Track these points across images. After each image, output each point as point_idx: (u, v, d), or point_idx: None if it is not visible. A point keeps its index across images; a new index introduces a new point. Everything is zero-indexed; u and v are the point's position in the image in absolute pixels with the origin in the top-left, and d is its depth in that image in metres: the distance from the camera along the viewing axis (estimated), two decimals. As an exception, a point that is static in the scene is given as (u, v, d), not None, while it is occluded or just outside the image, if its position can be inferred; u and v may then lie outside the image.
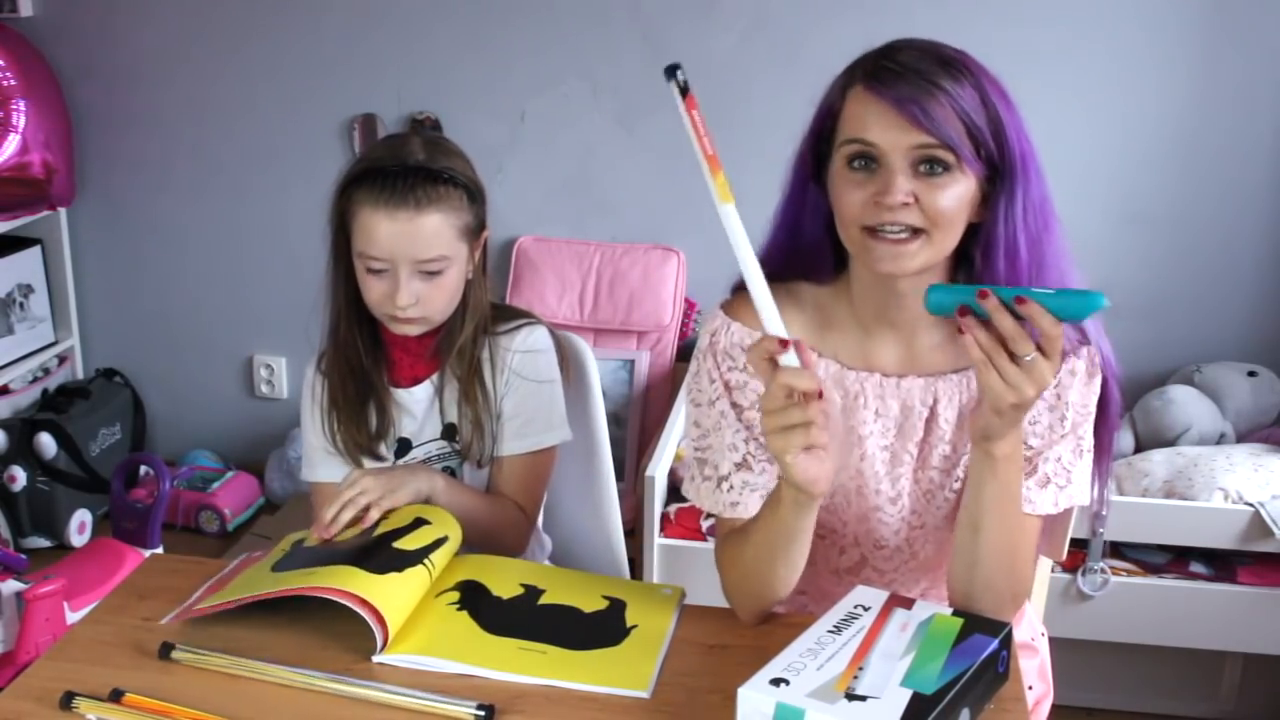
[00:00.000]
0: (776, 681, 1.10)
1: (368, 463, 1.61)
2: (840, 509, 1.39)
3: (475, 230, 1.55)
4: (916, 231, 1.21)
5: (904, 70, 1.19)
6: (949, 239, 1.23)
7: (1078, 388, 1.32)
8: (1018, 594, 1.30)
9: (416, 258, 1.48)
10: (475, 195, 1.54)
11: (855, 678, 1.11)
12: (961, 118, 1.19)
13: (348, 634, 1.26)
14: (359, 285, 1.54)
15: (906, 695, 1.08)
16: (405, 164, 1.49)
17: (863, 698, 1.08)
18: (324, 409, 1.61)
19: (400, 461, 1.61)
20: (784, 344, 1.12)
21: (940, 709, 1.07)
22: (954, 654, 1.14)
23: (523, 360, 1.60)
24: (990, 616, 1.23)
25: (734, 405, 1.35)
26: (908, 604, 1.23)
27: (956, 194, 1.21)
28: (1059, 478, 1.32)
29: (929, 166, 1.20)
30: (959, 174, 1.21)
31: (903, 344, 1.34)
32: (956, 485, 1.36)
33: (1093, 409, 1.33)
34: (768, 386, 1.13)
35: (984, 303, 1.11)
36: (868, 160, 1.22)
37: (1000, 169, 1.23)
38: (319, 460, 1.63)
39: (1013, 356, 1.12)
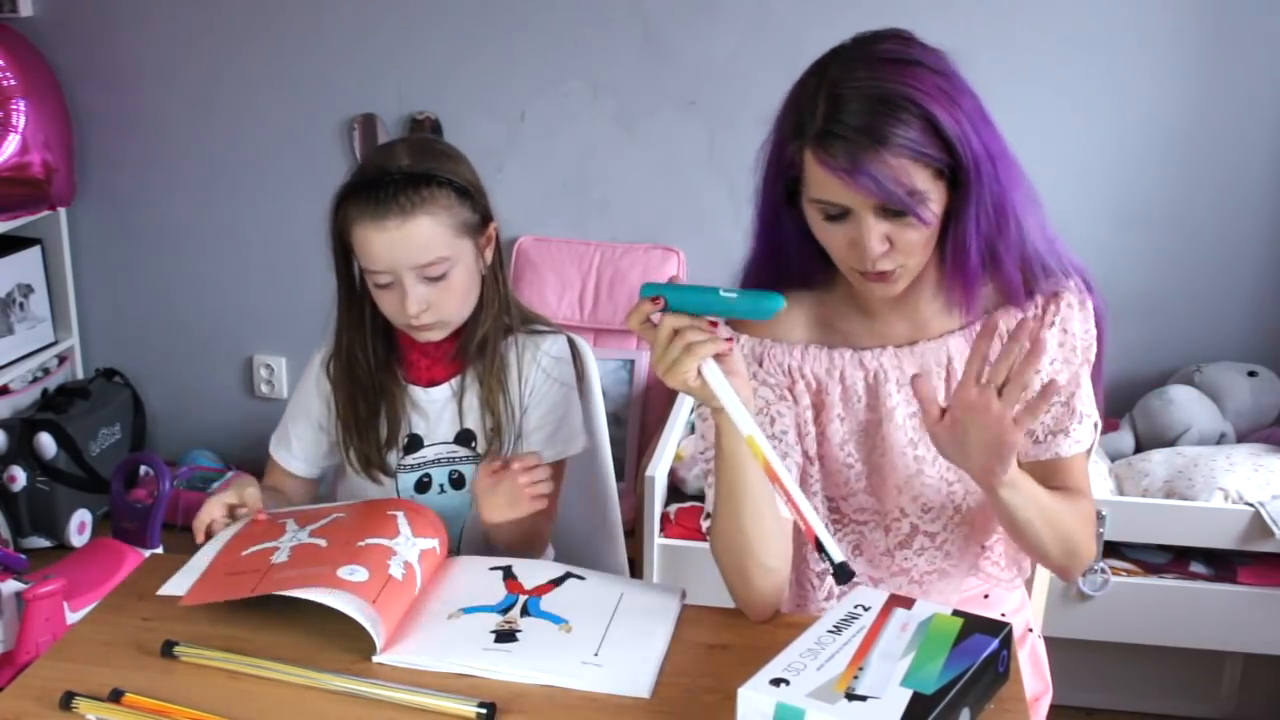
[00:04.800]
0: (776, 682, 1.10)
1: (376, 475, 1.61)
2: (877, 487, 1.43)
3: (476, 226, 1.53)
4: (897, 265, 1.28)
5: (851, 135, 1.19)
6: (926, 256, 1.29)
7: (1076, 318, 1.37)
8: (1086, 544, 1.38)
9: (415, 264, 1.47)
10: (466, 191, 1.51)
11: (855, 678, 1.11)
12: (915, 158, 1.20)
13: (348, 634, 1.26)
14: (373, 299, 1.54)
15: (907, 695, 1.08)
16: (387, 172, 1.48)
17: (863, 698, 1.08)
18: (325, 413, 1.62)
19: (408, 459, 1.61)
20: (656, 301, 1.20)
21: (940, 709, 1.07)
22: (954, 654, 1.15)
23: (551, 368, 1.61)
24: (1058, 565, 1.33)
25: None
26: (908, 604, 1.23)
27: (928, 218, 1.24)
28: (1087, 407, 1.39)
29: (897, 211, 1.23)
30: (927, 205, 1.23)
31: (906, 317, 1.39)
32: None
33: (1093, 331, 1.39)
34: (653, 341, 1.21)
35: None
36: (841, 212, 1.25)
37: (958, 176, 1.24)
38: (284, 446, 1.65)
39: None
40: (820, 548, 1.17)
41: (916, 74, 1.21)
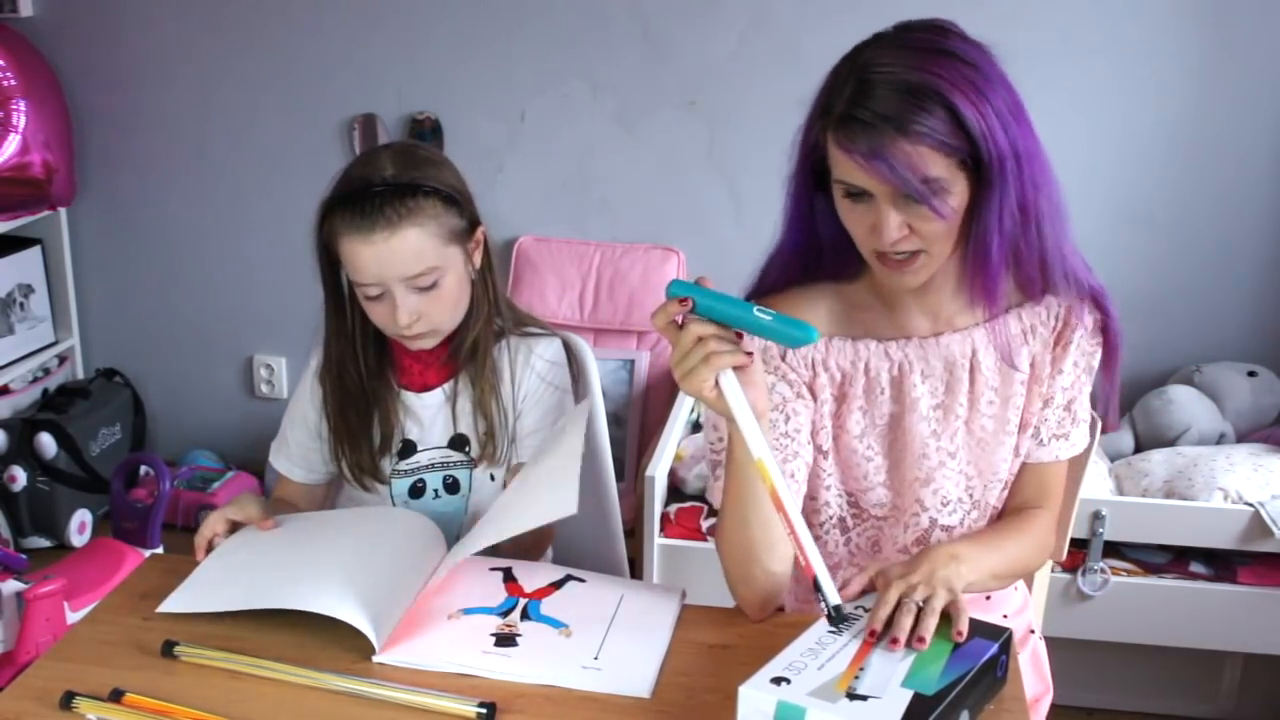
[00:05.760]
0: (778, 680, 1.10)
1: (370, 483, 1.60)
2: (896, 481, 1.44)
3: (464, 232, 1.51)
4: (917, 251, 1.27)
5: (872, 120, 1.20)
6: (948, 247, 1.29)
7: (1087, 337, 1.42)
8: (1040, 563, 1.51)
9: (404, 275, 1.45)
10: (453, 199, 1.49)
11: (856, 678, 1.11)
12: (935, 148, 1.20)
13: (348, 634, 1.26)
14: (363, 308, 1.52)
15: (908, 696, 1.08)
16: (371, 184, 1.45)
17: (864, 697, 1.08)
18: (326, 427, 1.61)
19: (403, 465, 1.61)
20: (684, 302, 1.17)
21: (941, 710, 1.07)
22: (954, 657, 1.15)
23: (545, 371, 1.60)
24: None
25: None
26: None
27: (948, 211, 1.24)
28: (1084, 412, 1.45)
29: (915, 199, 1.23)
30: (946, 196, 1.23)
31: (928, 311, 1.40)
32: (1009, 434, 1.42)
33: (1097, 352, 1.43)
34: (676, 342, 1.19)
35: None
36: (862, 193, 1.26)
37: (982, 172, 1.24)
38: (285, 453, 1.65)
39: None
40: (817, 587, 1.17)
41: (947, 65, 1.22)
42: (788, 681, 1.10)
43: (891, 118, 1.19)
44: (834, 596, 1.18)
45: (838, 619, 1.18)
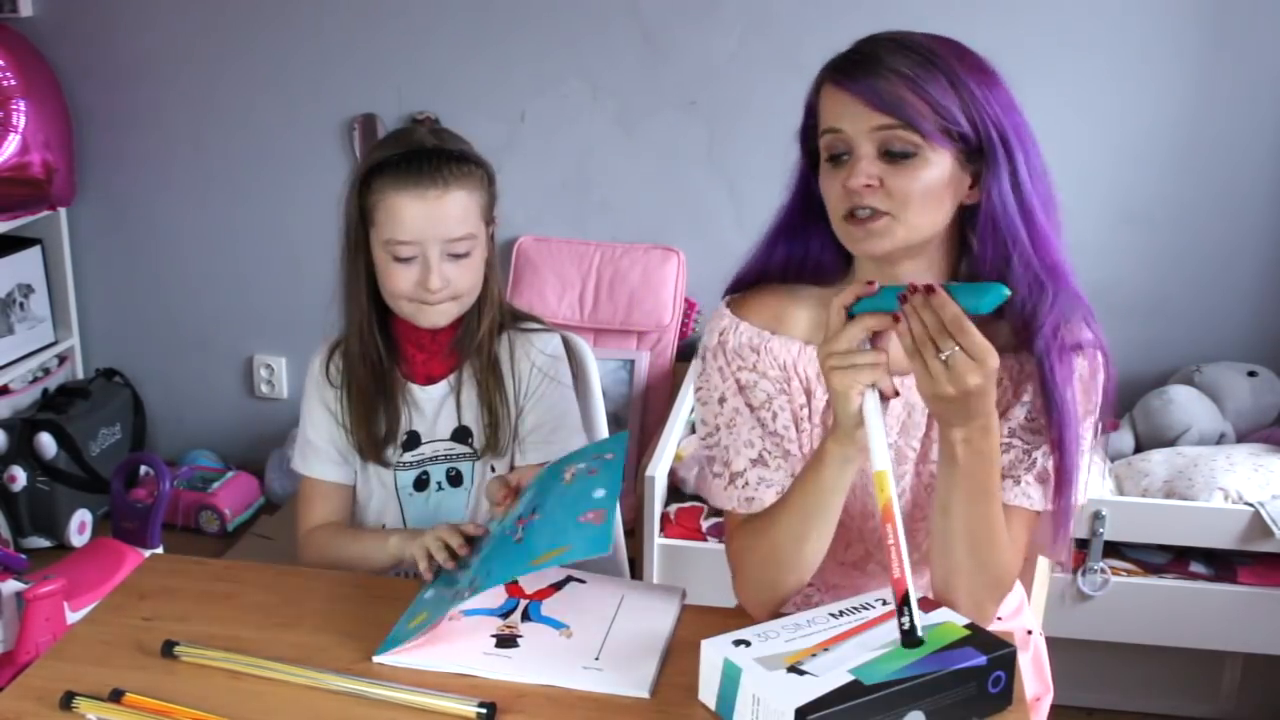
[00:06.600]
0: (740, 643, 1.13)
1: (384, 456, 1.60)
2: (847, 504, 1.39)
3: (490, 214, 1.57)
4: (884, 212, 1.24)
5: (865, 59, 1.23)
6: (922, 220, 1.24)
7: (1078, 387, 1.30)
8: (992, 585, 1.29)
9: (446, 237, 1.49)
10: (491, 177, 1.56)
11: (814, 656, 1.11)
12: (924, 98, 1.21)
13: (348, 634, 1.26)
14: (380, 279, 1.53)
15: (844, 680, 1.07)
16: (426, 145, 1.51)
17: (802, 673, 1.08)
18: (337, 407, 1.61)
19: (407, 456, 1.61)
20: (870, 284, 1.18)
21: (870, 700, 1.05)
22: (929, 658, 1.12)
23: (546, 365, 1.61)
24: (965, 606, 1.24)
25: (746, 404, 1.36)
26: (930, 607, 1.21)
27: (925, 177, 1.22)
28: (1054, 466, 1.31)
29: (897, 149, 1.22)
30: (928, 155, 1.22)
31: None
32: None
33: (1094, 411, 1.34)
34: (842, 332, 1.18)
35: (908, 300, 1.15)
36: (842, 152, 1.25)
37: (982, 149, 1.24)
38: (314, 457, 1.63)
39: (939, 351, 1.15)
40: (905, 603, 1.13)
41: (949, 46, 1.25)
42: (748, 644, 1.12)
43: (886, 60, 1.22)
44: (919, 619, 1.14)
45: (910, 642, 1.13)
